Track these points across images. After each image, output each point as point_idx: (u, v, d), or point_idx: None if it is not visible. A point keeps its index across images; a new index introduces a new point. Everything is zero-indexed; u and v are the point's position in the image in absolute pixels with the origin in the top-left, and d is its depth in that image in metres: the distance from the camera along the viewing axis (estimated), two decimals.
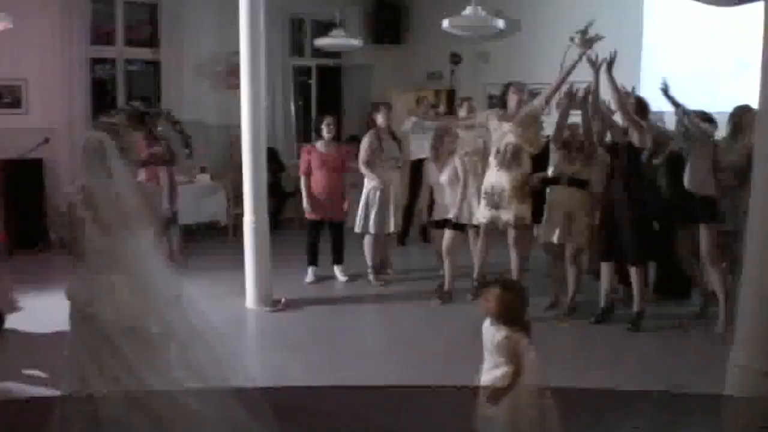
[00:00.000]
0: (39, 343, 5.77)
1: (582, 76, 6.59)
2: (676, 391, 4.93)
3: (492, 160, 6.83)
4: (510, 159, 6.60)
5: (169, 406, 3.42)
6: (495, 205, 6.68)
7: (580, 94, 6.52)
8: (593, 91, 6.35)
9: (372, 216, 7.65)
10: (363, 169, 7.68)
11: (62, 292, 3.57)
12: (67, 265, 3.73)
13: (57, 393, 3.68)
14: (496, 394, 3.38)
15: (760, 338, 3.38)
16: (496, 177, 6.70)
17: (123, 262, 3.52)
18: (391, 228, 7.90)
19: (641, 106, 6.39)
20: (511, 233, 6.75)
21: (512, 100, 6.86)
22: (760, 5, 3.43)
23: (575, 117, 6.72)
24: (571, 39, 6.54)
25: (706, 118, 6.44)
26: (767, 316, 3.35)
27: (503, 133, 6.70)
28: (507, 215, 6.65)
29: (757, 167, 3.35)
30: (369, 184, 7.69)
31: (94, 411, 3.33)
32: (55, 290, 3.91)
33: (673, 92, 6.23)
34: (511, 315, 3.40)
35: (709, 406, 4.46)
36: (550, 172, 6.89)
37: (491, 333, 3.44)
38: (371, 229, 7.68)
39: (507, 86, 7.06)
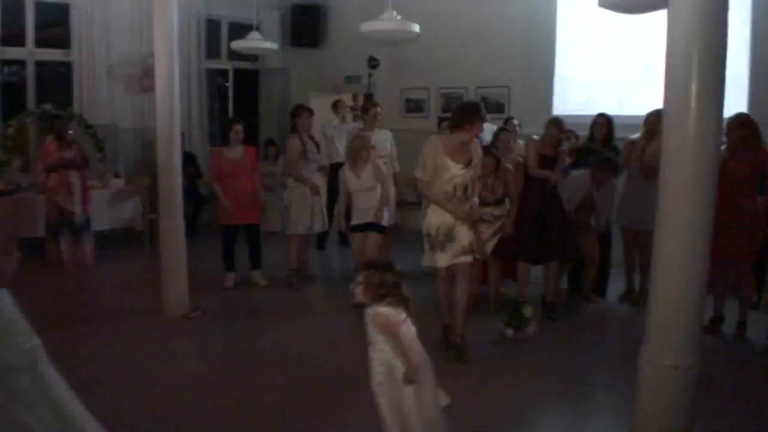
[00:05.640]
0: None
1: None
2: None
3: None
4: (460, 197, 5.59)
5: None
6: (442, 246, 5.55)
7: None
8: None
9: (300, 217, 7.69)
10: (293, 172, 7.64)
11: None
12: None
13: None
14: (408, 376, 3.43)
15: (669, 334, 3.47)
16: (440, 217, 5.54)
17: None
18: (322, 228, 8.08)
19: (560, 127, 6.74)
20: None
21: (466, 133, 5.42)
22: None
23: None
24: None
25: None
26: (676, 312, 3.43)
27: (453, 176, 5.50)
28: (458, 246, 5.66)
29: (665, 169, 3.44)
30: (297, 186, 7.67)
31: None
32: None
33: None
34: (381, 292, 3.42)
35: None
36: None
37: (368, 314, 3.48)
38: (300, 230, 7.73)
39: (461, 114, 5.48)
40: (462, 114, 5.42)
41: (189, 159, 10.66)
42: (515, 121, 8.16)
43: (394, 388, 3.44)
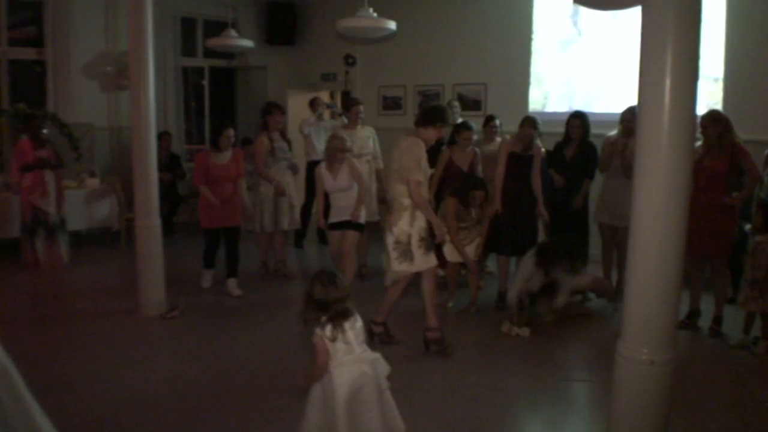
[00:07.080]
0: None
1: None
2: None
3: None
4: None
5: None
6: (433, 245, 5.63)
7: None
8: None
9: (266, 215, 7.80)
10: (260, 171, 7.69)
11: None
12: None
13: None
14: (299, 379, 3.54)
15: (645, 329, 3.50)
16: (423, 219, 5.51)
17: None
18: (289, 226, 8.10)
19: (534, 125, 6.91)
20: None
21: (437, 131, 5.56)
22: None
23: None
24: None
25: None
26: (652, 307, 3.46)
27: (429, 175, 5.61)
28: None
29: (639, 165, 3.46)
30: (265, 184, 7.75)
31: None
32: None
33: None
34: (317, 310, 3.52)
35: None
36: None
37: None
38: (266, 227, 7.84)
39: (436, 112, 5.58)
40: (437, 112, 5.53)
41: (176, 161, 10.64)
42: (497, 122, 8.09)
43: (327, 411, 3.41)
